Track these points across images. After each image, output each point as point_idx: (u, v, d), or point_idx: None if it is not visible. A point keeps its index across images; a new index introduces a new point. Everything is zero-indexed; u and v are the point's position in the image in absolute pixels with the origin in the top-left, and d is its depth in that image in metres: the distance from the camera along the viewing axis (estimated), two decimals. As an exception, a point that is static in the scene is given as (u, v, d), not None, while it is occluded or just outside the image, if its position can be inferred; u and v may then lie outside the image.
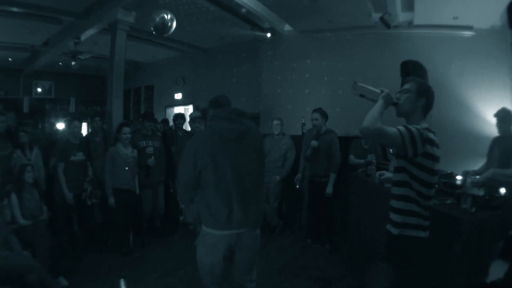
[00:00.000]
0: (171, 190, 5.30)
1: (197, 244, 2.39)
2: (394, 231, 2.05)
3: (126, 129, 4.42)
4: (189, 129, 5.74)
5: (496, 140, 3.84)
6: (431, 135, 1.95)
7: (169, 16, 4.55)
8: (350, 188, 4.32)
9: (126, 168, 4.35)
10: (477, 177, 3.07)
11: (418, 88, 2.08)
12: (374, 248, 3.10)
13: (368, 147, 4.65)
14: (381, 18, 5.21)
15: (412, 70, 4.41)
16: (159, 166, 4.80)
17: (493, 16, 5.27)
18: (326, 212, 4.62)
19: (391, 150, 2.83)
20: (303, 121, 5.86)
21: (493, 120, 3.88)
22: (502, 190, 2.55)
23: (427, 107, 2.08)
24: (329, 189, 4.47)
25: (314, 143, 4.51)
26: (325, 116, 4.68)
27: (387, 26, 5.27)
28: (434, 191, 2.06)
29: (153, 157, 4.65)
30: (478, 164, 4.05)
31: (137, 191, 4.54)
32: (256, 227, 2.38)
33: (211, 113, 2.40)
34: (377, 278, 2.43)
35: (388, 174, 2.54)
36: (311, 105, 5.54)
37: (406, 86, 2.13)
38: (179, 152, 4.55)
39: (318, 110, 4.65)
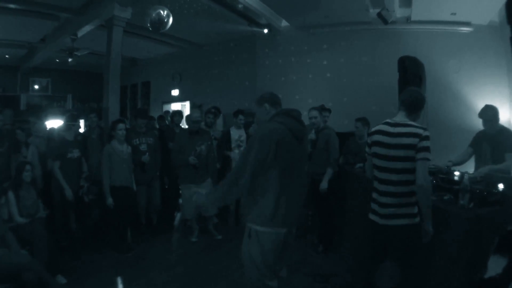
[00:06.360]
0: (166, 186, 5.30)
1: (247, 242, 2.26)
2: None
3: (121, 126, 4.38)
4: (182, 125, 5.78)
5: (483, 136, 3.66)
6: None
7: (165, 12, 4.52)
8: (347, 184, 4.30)
9: (124, 165, 4.34)
10: (471, 171, 3.07)
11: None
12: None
13: (362, 142, 4.59)
14: (379, 14, 5.18)
15: (409, 66, 4.41)
16: (153, 163, 4.78)
17: (491, 12, 5.27)
18: (322, 210, 4.37)
19: None
20: None
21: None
22: (500, 186, 2.55)
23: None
24: (324, 185, 4.10)
25: (311, 135, 4.35)
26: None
27: (385, 21, 5.24)
28: None
29: (147, 154, 4.63)
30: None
31: (134, 188, 4.53)
32: (295, 226, 2.42)
33: (268, 108, 2.32)
34: (385, 277, 2.45)
35: None
36: (309, 100, 5.55)
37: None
38: (177, 149, 4.53)
39: (316, 108, 4.55)
